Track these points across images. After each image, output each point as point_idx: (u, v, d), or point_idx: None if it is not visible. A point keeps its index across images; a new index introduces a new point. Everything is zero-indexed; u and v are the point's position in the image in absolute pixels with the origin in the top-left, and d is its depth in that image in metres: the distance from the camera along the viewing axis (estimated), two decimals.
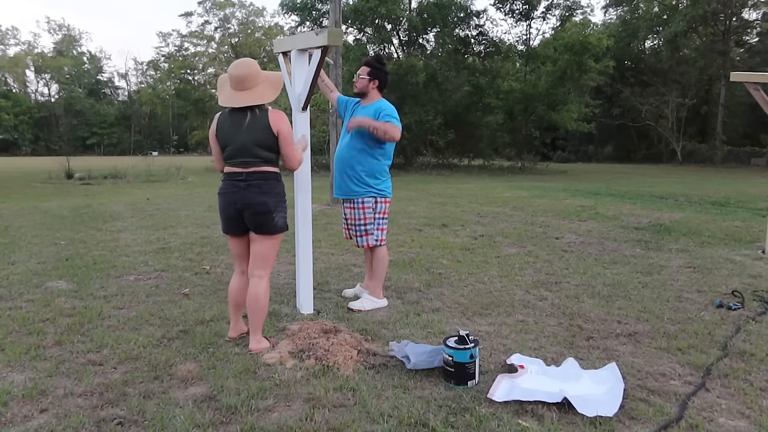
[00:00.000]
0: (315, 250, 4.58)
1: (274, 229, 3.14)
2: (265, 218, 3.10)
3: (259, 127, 3.05)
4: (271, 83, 3.13)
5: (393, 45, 29.53)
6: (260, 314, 3.18)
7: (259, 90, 3.06)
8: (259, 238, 3.16)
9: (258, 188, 3.07)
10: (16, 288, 4.51)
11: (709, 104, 37.67)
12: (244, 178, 3.07)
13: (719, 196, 12.61)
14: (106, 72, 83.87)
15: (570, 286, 4.62)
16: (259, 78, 3.07)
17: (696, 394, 2.62)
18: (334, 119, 10.79)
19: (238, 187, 3.08)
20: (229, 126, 3.10)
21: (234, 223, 3.17)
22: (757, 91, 5.74)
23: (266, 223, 3.11)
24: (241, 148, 3.06)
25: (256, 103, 3.05)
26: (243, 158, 3.06)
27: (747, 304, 4.03)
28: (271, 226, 3.12)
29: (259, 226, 3.12)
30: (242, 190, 3.07)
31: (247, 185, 3.07)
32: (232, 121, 3.09)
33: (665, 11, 36.32)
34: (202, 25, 67.56)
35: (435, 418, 2.38)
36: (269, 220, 3.10)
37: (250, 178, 3.07)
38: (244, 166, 3.07)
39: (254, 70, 3.05)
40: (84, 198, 12.73)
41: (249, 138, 3.04)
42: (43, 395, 2.60)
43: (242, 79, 3.02)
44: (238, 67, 3.05)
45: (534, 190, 14.44)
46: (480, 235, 7.19)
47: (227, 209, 3.15)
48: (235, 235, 3.23)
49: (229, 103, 3.07)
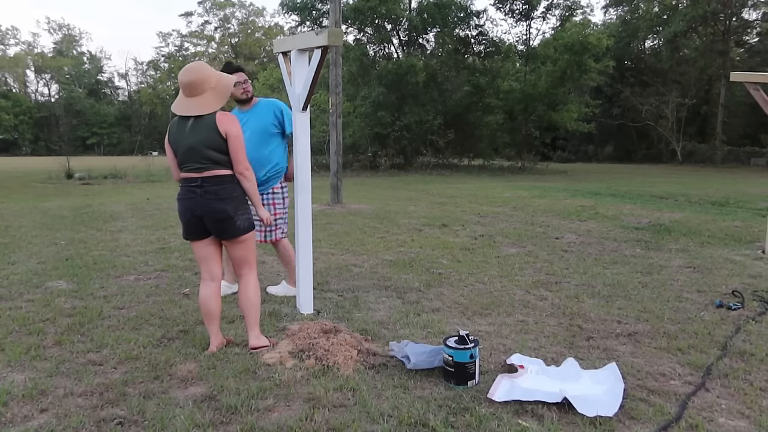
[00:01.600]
0: (315, 250, 4.58)
1: (238, 232, 3.08)
2: (227, 224, 3.04)
3: (203, 128, 2.98)
4: (218, 92, 3.03)
5: (393, 45, 29.53)
6: (255, 311, 3.18)
7: (203, 99, 2.99)
8: (229, 244, 3.14)
9: (215, 194, 2.99)
10: (16, 288, 4.51)
11: (709, 104, 37.65)
12: (199, 184, 3.00)
13: (719, 196, 12.61)
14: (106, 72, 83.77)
15: (570, 286, 4.62)
16: (208, 84, 2.99)
17: (696, 394, 2.62)
18: (334, 119, 10.79)
19: (194, 193, 3.01)
20: (176, 131, 3.05)
21: (194, 228, 3.09)
22: (757, 91, 5.74)
23: (228, 228, 3.06)
24: (188, 151, 2.99)
25: (198, 114, 2.98)
26: (194, 162, 2.99)
27: (747, 304, 4.03)
28: (234, 230, 3.07)
29: (221, 232, 3.08)
30: (199, 197, 3.00)
31: (203, 192, 2.99)
32: (178, 127, 3.04)
33: (665, 11, 36.31)
34: (202, 25, 67.76)
35: (435, 418, 2.38)
36: (231, 225, 3.05)
37: (205, 184, 2.99)
38: (197, 171, 2.99)
39: (201, 77, 2.97)
40: (84, 198, 12.73)
41: (195, 140, 2.97)
42: (43, 395, 2.60)
43: (188, 85, 2.97)
44: (185, 73, 2.99)
45: (534, 190, 14.44)
46: (480, 235, 7.19)
47: (185, 214, 3.07)
48: (196, 239, 3.14)
49: (176, 110, 3.03)
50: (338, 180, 10.77)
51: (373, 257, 5.79)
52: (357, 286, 4.63)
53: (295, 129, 3.76)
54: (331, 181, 10.83)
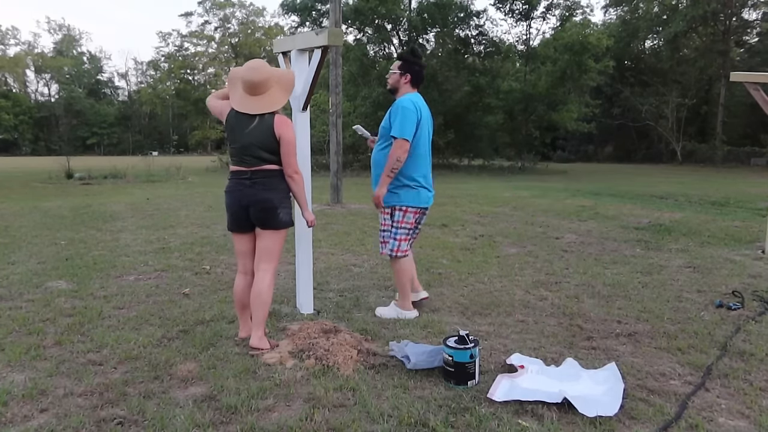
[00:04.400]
0: (315, 250, 4.58)
1: (278, 224, 3.19)
2: (270, 214, 3.15)
3: (263, 130, 3.11)
4: (283, 86, 3.17)
5: (393, 45, 29.53)
6: (263, 309, 3.20)
7: (270, 96, 3.12)
8: (265, 234, 3.21)
9: (262, 185, 3.14)
10: (16, 288, 4.51)
11: (709, 104, 37.64)
12: (248, 176, 3.14)
13: (719, 196, 12.61)
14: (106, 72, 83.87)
15: (570, 286, 4.62)
16: (271, 81, 3.11)
17: (696, 394, 2.62)
18: (334, 119, 10.79)
19: (243, 185, 3.16)
20: (235, 125, 3.15)
21: (239, 220, 3.22)
22: (757, 91, 5.74)
23: (271, 218, 3.17)
24: (243, 148, 3.13)
25: (267, 111, 3.10)
26: (247, 157, 3.13)
27: (747, 304, 4.03)
28: (276, 221, 3.18)
29: (264, 221, 3.18)
30: (247, 188, 3.15)
31: (252, 183, 3.14)
32: (238, 121, 3.14)
33: (665, 11, 36.30)
34: (202, 25, 67.74)
35: (435, 418, 2.38)
36: (274, 216, 3.16)
37: (254, 176, 3.14)
38: (247, 165, 3.14)
39: (266, 76, 3.09)
40: (84, 198, 12.72)
41: (253, 140, 3.10)
42: (43, 395, 2.60)
43: (255, 85, 3.07)
44: (252, 72, 3.07)
45: (534, 190, 14.44)
46: (480, 235, 7.19)
47: (233, 206, 3.20)
48: (240, 232, 3.27)
49: (242, 108, 3.11)
50: (338, 180, 10.77)
51: (373, 257, 5.79)
52: (357, 286, 4.64)
53: (295, 129, 3.75)
54: (331, 181, 10.83)
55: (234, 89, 3.18)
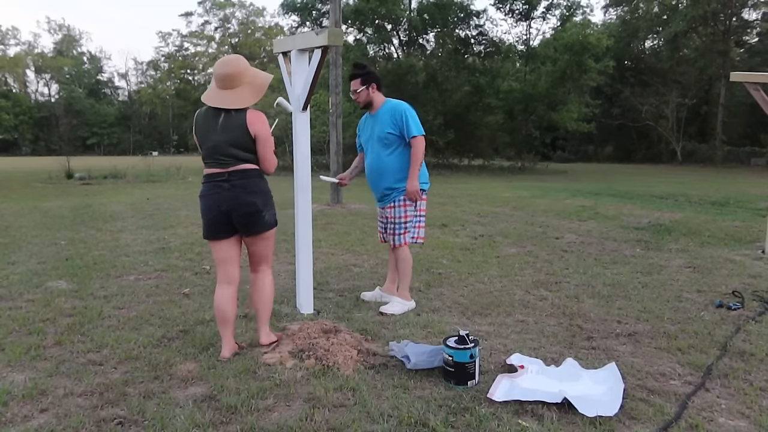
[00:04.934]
0: (315, 250, 4.58)
1: (265, 227, 3.04)
2: (255, 218, 2.98)
3: (234, 127, 2.90)
4: (255, 87, 2.95)
5: (393, 45, 29.55)
6: (269, 307, 3.19)
7: (239, 92, 2.91)
8: (254, 240, 3.07)
9: (243, 188, 2.93)
10: (16, 288, 4.51)
11: (709, 104, 37.66)
12: (226, 179, 2.93)
13: (719, 196, 12.61)
14: (106, 72, 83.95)
15: (570, 286, 4.62)
16: (244, 78, 2.92)
17: (696, 394, 2.62)
18: (334, 119, 10.79)
19: (221, 188, 2.93)
20: (204, 124, 2.97)
21: (218, 226, 3.00)
22: (757, 91, 5.74)
23: (257, 222, 3.00)
24: (215, 147, 2.92)
25: (232, 107, 2.89)
26: (219, 157, 2.92)
27: (747, 304, 4.03)
28: (262, 224, 3.02)
29: (249, 226, 3.00)
30: (226, 191, 2.93)
31: (231, 185, 2.92)
32: (206, 120, 2.96)
33: (665, 11, 36.33)
34: (202, 25, 67.85)
35: (435, 418, 2.38)
36: (259, 220, 2.99)
37: (232, 178, 2.92)
38: (222, 166, 2.93)
39: (237, 70, 2.91)
40: (84, 198, 12.72)
41: (224, 138, 2.90)
42: (43, 395, 2.60)
43: (224, 77, 2.89)
44: (222, 65, 2.92)
45: (534, 190, 14.45)
46: (480, 235, 7.19)
47: (210, 212, 2.98)
48: (219, 239, 3.04)
49: (207, 100, 2.95)
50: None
51: (373, 257, 5.79)
52: (357, 286, 4.64)
53: (295, 129, 3.76)
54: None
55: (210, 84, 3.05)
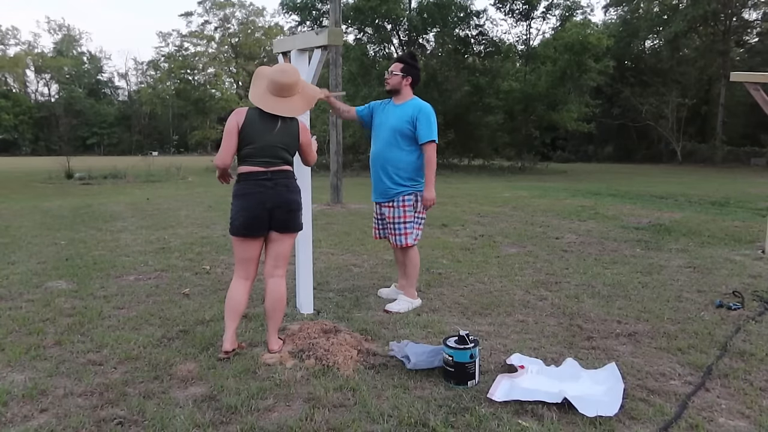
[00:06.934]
0: (315, 250, 4.58)
1: (298, 227, 3.19)
2: (294, 216, 3.13)
3: (290, 134, 3.12)
4: (305, 97, 3.17)
5: (393, 45, 29.53)
6: (282, 314, 3.21)
7: (293, 102, 3.10)
8: (283, 237, 3.15)
9: (286, 187, 3.09)
10: (16, 288, 4.51)
11: (709, 104, 37.66)
12: (269, 177, 3.04)
13: (719, 196, 12.61)
14: (106, 72, 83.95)
15: (570, 286, 4.62)
16: (297, 88, 3.11)
17: (696, 394, 2.62)
18: (334, 119, 10.79)
19: (264, 186, 3.03)
20: (259, 125, 3.05)
21: (259, 223, 3.06)
22: (757, 91, 5.74)
23: (295, 220, 3.14)
24: (267, 147, 3.04)
25: (288, 115, 3.09)
26: (267, 158, 3.04)
27: (747, 304, 4.03)
28: (297, 223, 3.17)
29: (288, 223, 3.12)
30: (270, 189, 3.04)
31: (274, 184, 3.05)
32: (262, 121, 3.05)
33: (666, 11, 36.32)
34: (202, 25, 67.82)
35: (435, 418, 2.38)
36: (297, 218, 3.16)
37: (275, 177, 3.06)
38: (266, 165, 3.04)
39: (295, 81, 3.09)
40: (84, 198, 12.73)
41: (279, 141, 3.06)
42: (43, 395, 2.60)
43: (282, 86, 3.04)
44: (281, 75, 3.05)
45: (534, 190, 14.45)
46: (480, 235, 7.19)
47: (254, 209, 3.03)
48: (253, 236, 3.10)
49: (266, 108, 3.04)
50: (338, 180, 10.77)
51: (373, 257, 5.79)
52: (357, 286, 4.64)
53: None
54: (331, 181, 10.83)
55: (257, 86, 3.13)
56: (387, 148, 3.90)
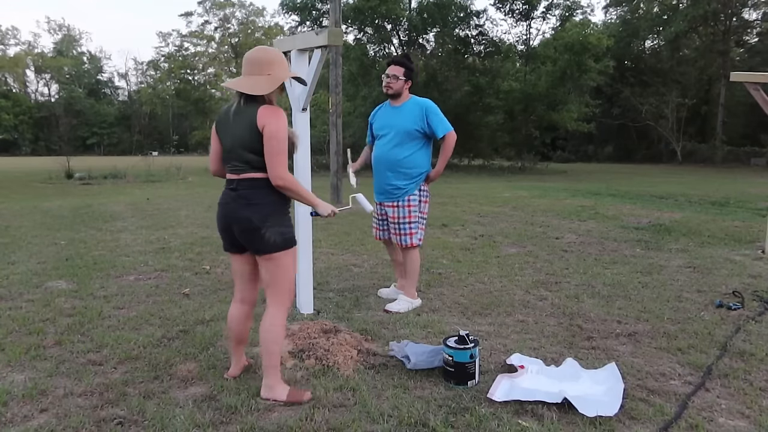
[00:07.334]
0: (315, 250, 4.58)
1: (267, 248, 2.51)
2: (253, 236, 2.50)
3: (244, 124, 2.47)
4: (272, 79, 2.51)
5: (393, 45, 29.53)
6: (268, 355, 2.57)
7: (257, 79, 2.49)
8: (261, 261, 2.58)
9: (245, 199, 2.50)
10: (16, 288, 4.51)
11: (709, 104, 37.66)
12: (234, 187, 2.54)
13: (719, 196, 12.61)
14: (106, 72, 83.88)
15: (570, 286, 4.62)
16: (270, 69, 2.51)
17: (696, 394, 2.62)
18: (334, 119, 10.79)
19: (228, 197, 2.57)
20: (224, 115, 2.58)
21: (228, 239, 2.64)
22: (757, 91, 5.74)
23: (255, 241, 2.52)
24: (229, 150, 2.55)
25: (240, 90, 2.48)
26: (233, 161, 2.54)
27: (747, 304, 4.03)
28: (262, 243, 2.50)
29: (249, 244, 2.56)
30: (230, 201, 2.55)
31: (236, 196, 2.53)
32: (226, 115, 2.57)
33: (666, 11, 36.33)
34: (202, 25, 67.77)
35: (435, 418, 2.38)
36: (257, 237, 2.50)
37: (240, 187, 2.52)
38: (236, 172, 2.54)
39: (267, 58, 2.52)
40: (84, 198, 12.72)
41: (235, 138, 2.50)
42: (43, 395, 2.60)
43: (249, 62, 2.53)
44: (253, 51, 2.57)
45: (534, 190, 14.44)
46: (480, 235, 7.18)
47: (219, 223, 2.63)
48: (232, 252, 2.70)
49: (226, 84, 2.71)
50: (338, 180, 10.77)
51: (373, 257, 5.79)
52: (357, 286, 4.64)
53: (295, 129, 3.76)
54: (331, 181, 10.84)
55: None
56: (395, 149, 3.92)
